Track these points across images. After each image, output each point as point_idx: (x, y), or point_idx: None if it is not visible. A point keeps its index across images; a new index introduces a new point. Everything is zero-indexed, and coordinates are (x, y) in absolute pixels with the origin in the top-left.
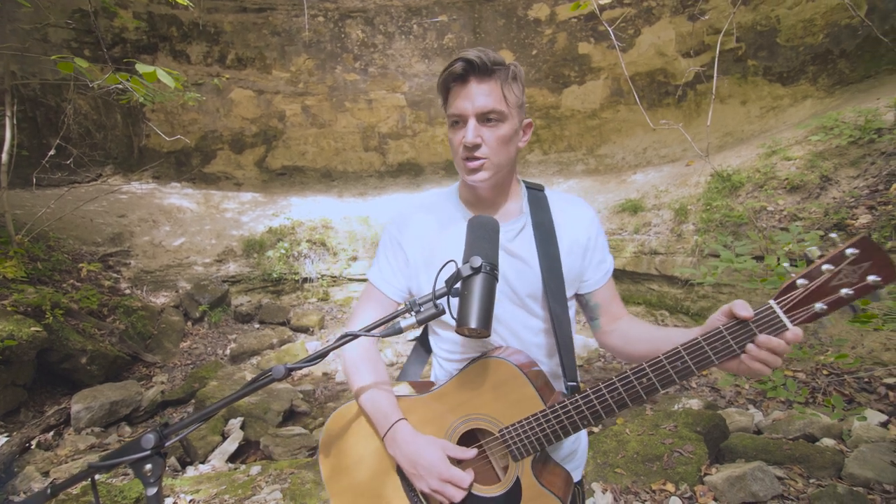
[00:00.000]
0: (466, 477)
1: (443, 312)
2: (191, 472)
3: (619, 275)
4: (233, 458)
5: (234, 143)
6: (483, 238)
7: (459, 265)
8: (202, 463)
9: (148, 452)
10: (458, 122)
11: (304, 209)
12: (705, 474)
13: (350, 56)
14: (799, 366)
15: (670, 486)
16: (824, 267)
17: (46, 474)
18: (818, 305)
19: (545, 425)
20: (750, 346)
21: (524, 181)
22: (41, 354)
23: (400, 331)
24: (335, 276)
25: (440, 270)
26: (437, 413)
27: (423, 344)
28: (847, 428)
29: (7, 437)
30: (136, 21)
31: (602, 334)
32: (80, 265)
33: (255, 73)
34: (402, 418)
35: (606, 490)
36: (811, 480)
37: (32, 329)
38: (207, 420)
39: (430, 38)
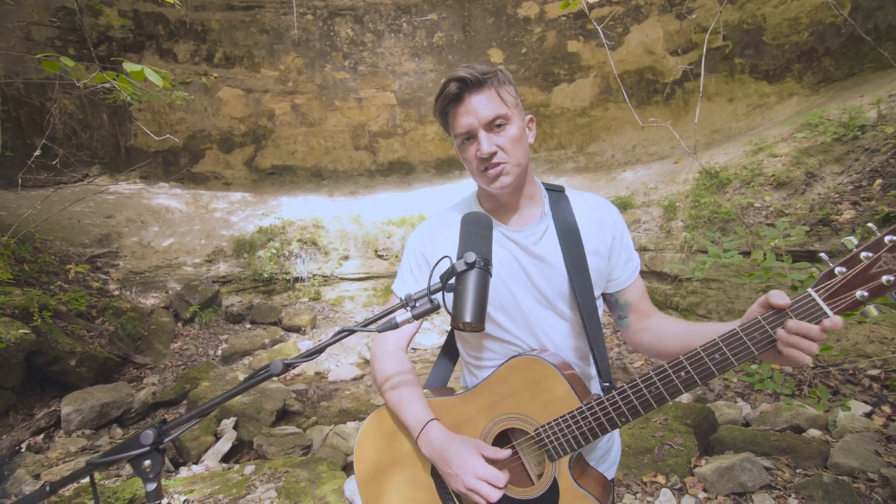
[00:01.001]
0: (502, 476)
1: (438, 307)
2: (184, 472)
3: None
4: (226, 459)
5: (222, 142)
6: (476, 234)
7: (454, 261)
8: (195, 463)
9: (147, 448)
10: (469, 137)
11: (294, 209)
12: (695, 466)
13: (339, 54)
14: None
15: (661, 478)
16: (863, 255)
17: (37, 477)
18: (859, 293)
19: (582, 423)
20: (780, 332)
21: (543, 183)
22: (29, 357)
23: (395, 326)
24: (326, 276)
25: (434, 266)
26: (470, 415)
27: (447, 353)
28: (833, 419)
29: None
30: (121, 19)
31: (632, 333)
32: (68, 267)
33: (243, 71)
34: (435, 418)
35: None
36: (798, 470)
37: (20, 331)
38: (206, 415)
39: (420, 37)
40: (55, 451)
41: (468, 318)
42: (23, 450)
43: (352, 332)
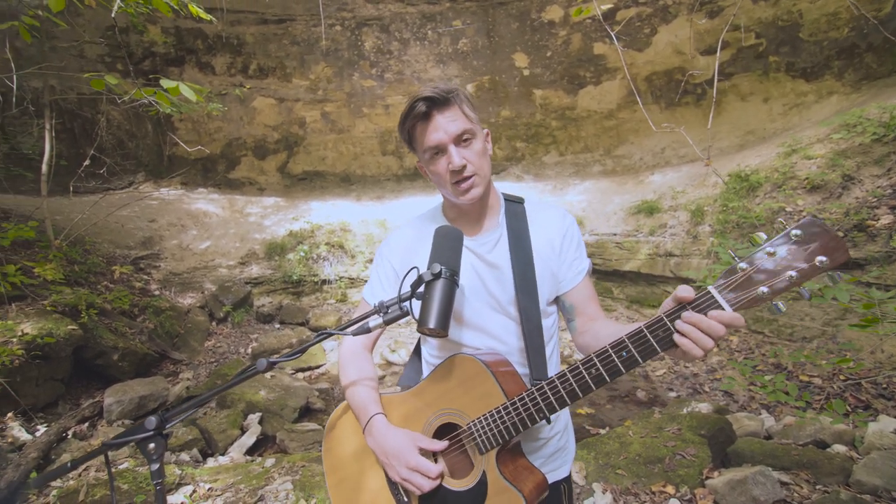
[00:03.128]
0: (434, 467)
1: (407, 314)
2: (211, 462)
3: (633, 277)
4: (251, 451)
5: (257, 149)
6: (445, 247)
7: (422, 272)
8: (222, 455)
9: (151, 433)
10: (438, 152)
11: (323, 213)
12: (707, 477)
13: (367, 63)
14: (815, 371)
15: (670, 489)
16: (768, 249)
17: None
18: (761, 289)
19: (506, 418)
20: (678, 323)
21: (504, 194)
22: (77, 351)
23: (368, 330)
24: (353, 278)
25: (405, 276)
26: (416, 408)
27: (419, 353)
28: (860, 434)
29: (46, 426)
30: (163, 37)
31: (577, 335)
32: (114, 268)
33: (276, 81)
34: (379, 413)
35: (606, 490)
36: (817, 487)
37: (69, 327)
38: (201, 407)
39: (445, 44)
40: (97, 439)
41: (432, 324)
42: (69, 436)
43: (329, 334)
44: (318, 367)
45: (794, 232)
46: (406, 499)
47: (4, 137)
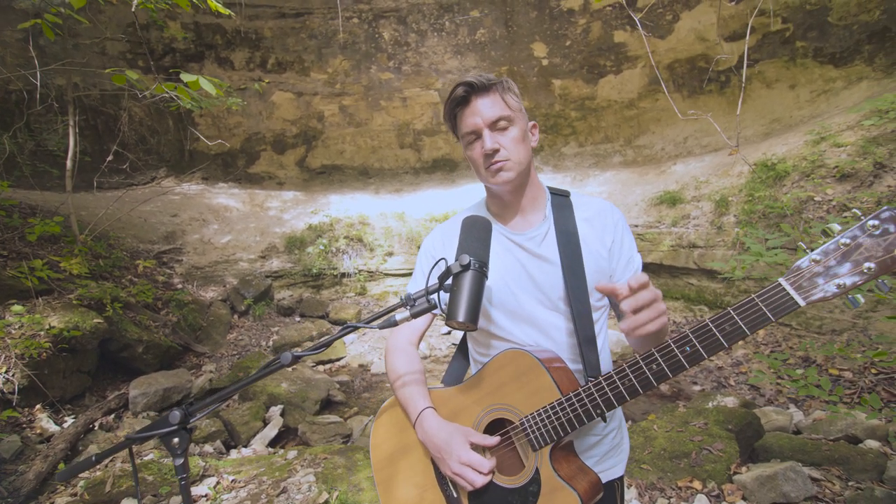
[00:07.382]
0: (486, 462)
1: (435, 307)
2: (234, 454)
3: (656, 269)
4: (273, 443)
5: (276, 143)
6: (474, 237)
7: (450, 263)
8: (245, 447)
9: (175, 427)
10: (475, 138)
11: (342, 206)
12: (735, 473)
13: (384, 55)
14: (846, 364)
15: (697, 484)
16: (843, 241)
17: None
18: (836, 282)
19: (560, 414)
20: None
21: (549, 188)
22: (103, 344)
23: (395, 323)
24: (372, 271)
25: (433, 267)
26: (465, 404)
27: (462, 350)
28: (894, 430)
29: (73, 418)
30: (183, 32)
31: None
32: (137, 262)
33: (294, 75)
34: (430, 406)
35: (631, 485)
36: (850, 483)
37: (95, 321)
38: (225, 401)
39: (463, 34)
40: (123, 431)
41: (461, 317)
42: (96, 428)
43: (355, 328)
44: (338, 359)
45: (870, 222)
46: (455, 494)
47: (30, 134)
